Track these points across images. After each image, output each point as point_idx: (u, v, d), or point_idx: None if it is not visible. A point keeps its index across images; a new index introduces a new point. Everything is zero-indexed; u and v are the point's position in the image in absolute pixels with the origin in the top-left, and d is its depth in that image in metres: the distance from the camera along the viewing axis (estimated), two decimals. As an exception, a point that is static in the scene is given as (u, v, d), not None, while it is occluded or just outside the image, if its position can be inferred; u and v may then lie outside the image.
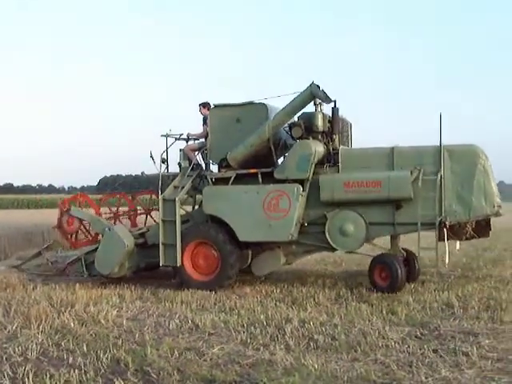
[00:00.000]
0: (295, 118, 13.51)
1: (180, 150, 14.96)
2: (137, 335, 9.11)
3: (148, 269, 14.65)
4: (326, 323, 9.74)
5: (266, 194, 13.05)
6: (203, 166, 14.69)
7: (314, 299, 11.72)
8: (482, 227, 13.36)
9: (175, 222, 13.52)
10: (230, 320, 10.01)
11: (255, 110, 13.69)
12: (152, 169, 14.87)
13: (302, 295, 12.10)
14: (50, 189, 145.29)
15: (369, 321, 9.92)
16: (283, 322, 9.84)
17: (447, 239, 12.53)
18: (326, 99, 13.11)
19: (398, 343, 8.50)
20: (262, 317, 10.17)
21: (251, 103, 13.78)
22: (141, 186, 23.38)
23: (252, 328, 9.48)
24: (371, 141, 15.45)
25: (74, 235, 15.64)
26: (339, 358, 7.86)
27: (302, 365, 7.48)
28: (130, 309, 11.16)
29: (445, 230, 12.35)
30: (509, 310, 10.49)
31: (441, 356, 7.92)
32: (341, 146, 13.63)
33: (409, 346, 8.35)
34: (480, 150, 12.66)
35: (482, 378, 6.95)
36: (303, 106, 13.28)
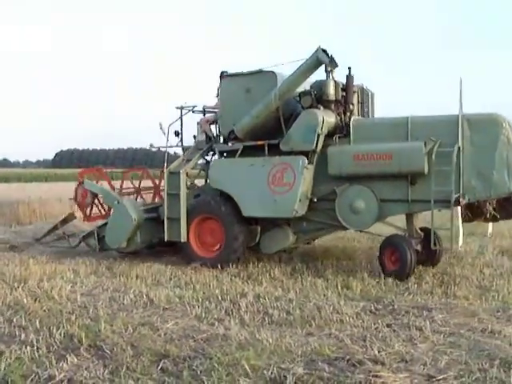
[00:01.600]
0: (307, 87, 12.65)
1: (197, 123, 14.44)
2: (91, 310, 9.04)
3: (162, 245, 14.02)
4: (281, 298, 9.76)
5: (271, 167, 12.42)
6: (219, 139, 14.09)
7: (270, 274, 11.74)
8: (506, 207, 11.88)
9: (180, 195, 13.11)
10: (185, 295, 9.97)
11: (264, 78, 12.88)
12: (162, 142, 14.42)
13: (257, 270, 12.10)
14: (5, 163, 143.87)
15: (324, 295, 9.96)
16: (238, 296, 9.85)
17: (466, 220, 11.98)
18: (332, 64, 12.02)
19: (353, 318, 8.55)
20: (217, 291, 10.17)
21: (260, 71, 12.99)
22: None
23: (207, 303, 9.47)
24: (398, 112, 14.45)
25: (88, 208, 15.36)
26: (294, 333, 7.88)
27: (256, 339, 7.49)
28: (85, 284, 11.05)
29: (459, 208, 11.30)
30: (462, 285, 10.62)
31: (394, 330, 7.99)
32: (353, 117, 12.66)
33: (363, 321, 8.41)
34: (503, 118, 11.13)
35: (435, 352, 7.02)
36: (310, 73, 12.38)
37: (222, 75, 13.53)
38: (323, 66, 12.15)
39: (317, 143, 12.05)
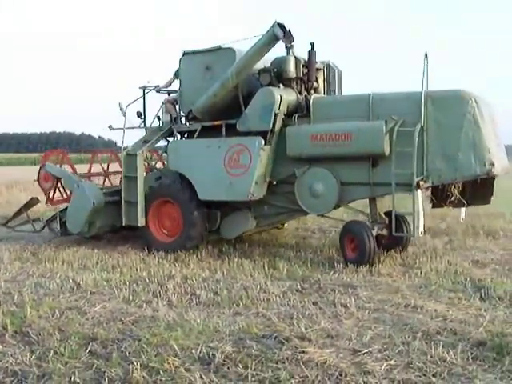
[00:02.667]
0: (267, 64, 12.03)
1: (162, 102, 13.73)
2: (16, 297, 8.89)
3: (128, 228, 13.40)
4: (209, 279, 9.83)
5: (227, 149, 11.84)
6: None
7: (197, 256, 11.78)
8: (473, 191, 11.26)
9: (137, 178, 12.64)
10: (112, 278, 9.93)
11: (223, 55, 12.25)
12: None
13: (184, 252, 12.06)
14: None
15: (251, 276, 10.06)
16: (166, 278, 9.86)
17: (434, 205, 11.65)
18: (287, 38, 11.20)
19: (279, 297, 8.67)
20: (144, 274, 10.16)
21: (219, 48, 12.33)
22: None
23: (134, 285, 9.45)
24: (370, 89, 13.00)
25: (51, 192, 14.86)
26: (221, 313, 7.96)
27: (184, 320, 7.54)
28: (9, 270, 10.84)
29: (419, 191, 10.39)
30: (386, 263, 10.87)
31: (320, 308, 8.13)
32: (313, 94, 12.07)
33: (290, 300, 8.53)
34: (469, 95, 10.35)
35: (360, 328, 7.20)
36: (267, 49, 11.54)
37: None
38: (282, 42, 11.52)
39: (274, 123, 11.58)
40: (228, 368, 5.95)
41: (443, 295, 8.67)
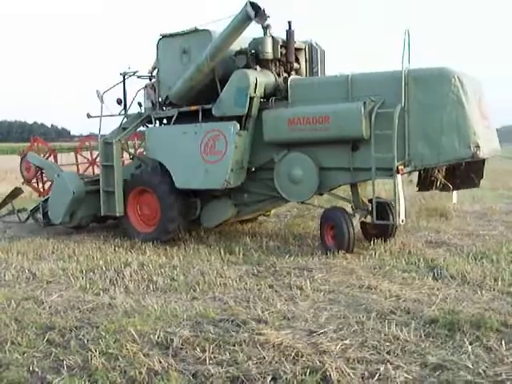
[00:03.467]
0: (244, 46, 11.46)
1: (144, 88, 13.20)
2: (-30, 288, 8.83)
3: (114, 218, 12.96)
4: (165, 265, 9.87)
5: (203, 135, 11.42)
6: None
7: (153, 243, 11.75)
8: (458, 175, 10.87)
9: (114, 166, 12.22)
10: (68, 267, 9.88)
11: (199, 37, 11.72)
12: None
13: (139, 241, 12.00)
14: None
15: (207, 261, 10.13)
16: (122, 266, 9.87)
17: (420, 189, 11.39)
18: (260, 18, 10.73)
19: (236, 281, 8.76)
20: (100, 262, 10.13)
21: (195, 30, 11.81)
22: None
23: (91, 274, 9.44)
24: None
25: (37, 182, 14.77)
26: (179, 298, 8.02)
27: (142, 306, 7.58)
28: (-38, 262, 10.72)
29: (399, 176, 9.83)
30: (341, 245, 10.96)
31: (276, 291, 8.24)
32: (292, 76, 11.57)
33: (246, 283, 8.63)
34: (452, 73, 9.82)
35: (315, 309, 7.32)
36: (241, 30, 11.00)
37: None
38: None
39: (250, 107, 11.13)
40: (186, 352, 6.00)
41: (397, 275, 8.84)
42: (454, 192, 11.52)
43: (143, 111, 13.14)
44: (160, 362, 5.69)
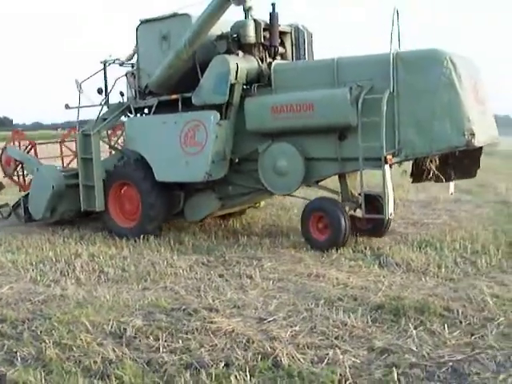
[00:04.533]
0: (226, 30, 10.88)
1: (125, 76, 12.48)
2: None
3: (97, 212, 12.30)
4: (116, 256, 9.93)
5: (183, 125, 10.86)
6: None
7: (103, 234, 11.81)
8: (451, 164, 10.24)
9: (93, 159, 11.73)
10: (17, 259, 9.85)
11: (179, 22, 11.08)
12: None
13: (90, 230, 12.12)
14: None
15: (157, 251, 10.21)
16: (73, 257, 9.89)
17: (414, 180, 10.71)
18: (238, 0, 10.33)
19: (186, 271, 8.87)
20: (50, 254, 10.11)
21: (174, 15, 11.19)
22: None
23: (41, 265, 9.44)
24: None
25: (15, 176, 14.46)
26: (130, 289, 8.10)
27: (94, 297, 7.64)
28: None
29: (386, 166, 9.35)
30: (290, 235, 11.17)
31: (227, 280, 8.39)
32: (275, 61, 11.02)
33: (196, 273, 8.76)
34: (444, 54, 9.23)
35: (265, 297, 7.47)
36: (219, 14, 10.43)
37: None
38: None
39: (231, 95, 10.59)
40: (139, 341, 6.10)
41: (344, 264, 9.05)
42: (451, 183, 10.79)
43: (126, 101, 12.61)
44: (114, 351, 5.77)
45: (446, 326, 6.16)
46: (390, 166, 9.56)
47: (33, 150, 14.96)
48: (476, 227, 11.08)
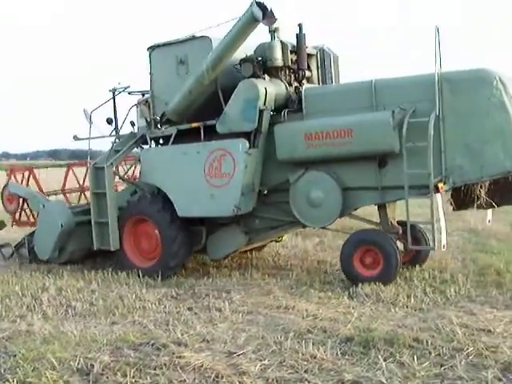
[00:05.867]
0: (250, 53, 10.36)
1: (136, 105, 11.98)
2: None
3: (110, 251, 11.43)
4: (84, 289, 9.80)
5: (207, 155, 10.19)
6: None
7: (70, 267, 11.65)
8: (503, 190, 9.49)
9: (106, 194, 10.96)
10: (-18, 294, 9.69)
11: (198, 45, 10.50)
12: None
13: (56, 265, 11.90)
14: None
15: (126, 284, 10.12)
16: (39, 291, 9.74)
17: (454, 209, 9.96)
18: (269, 20, 9.57)
19: (155, 304, 8.79)
20: (16, 288, 9.96)
21: (192, 38, 10.59)
22: None
23: (7, 300, 9.27)
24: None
25: (17, 213, 13.71)
26: (98, 323, 8.00)
27: (61, 332, 7.52)
28: None
29: (438, 195, 8.87)
30: (259, 266, 11.22)
31: (196, 313, 8.33)
32: (305, 85, 10.56)
33: (165, 306, 8.69)
34: (493, 75, 8.69)
35: (234, 330, 7.42)
36: (246, 35, 9.82)
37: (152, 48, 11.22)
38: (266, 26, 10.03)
39: (260, 121, 9.97)
40: (107, 377, 6.01)
41: (314, 295, 9.02)
42: (489, 210, 10.08)
43: (137, 131, 11.97)
44: (81, 389, 5.69)
45: (415, 357, 6.14)
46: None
47: (32, 177, 14.33)
48: (445, 256, 11.13)
